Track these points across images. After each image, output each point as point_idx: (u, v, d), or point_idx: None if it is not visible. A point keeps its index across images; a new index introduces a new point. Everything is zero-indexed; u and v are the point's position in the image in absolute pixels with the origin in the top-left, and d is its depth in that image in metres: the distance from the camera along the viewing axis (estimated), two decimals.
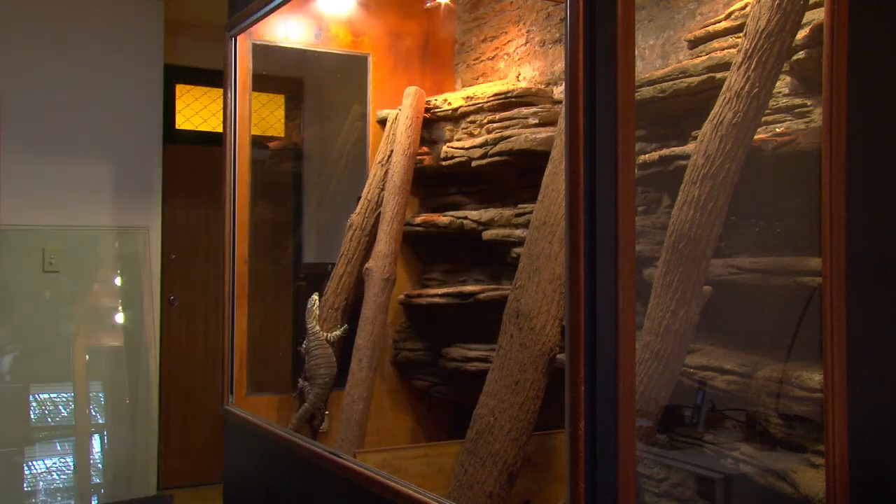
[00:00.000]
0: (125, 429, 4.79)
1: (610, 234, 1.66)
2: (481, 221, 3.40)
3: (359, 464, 2.68)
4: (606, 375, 1.67)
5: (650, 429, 2.18)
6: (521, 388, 2.49)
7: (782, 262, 2.09)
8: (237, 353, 3.71)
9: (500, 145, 3.29)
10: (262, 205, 4.11)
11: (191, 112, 5.63)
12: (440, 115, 3.72)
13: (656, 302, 2.10)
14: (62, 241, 4.65)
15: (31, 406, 4.58)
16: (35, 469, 4.58)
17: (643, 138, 2.62)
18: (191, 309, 5.61)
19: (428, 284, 3.81)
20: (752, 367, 2.12)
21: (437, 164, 3.69)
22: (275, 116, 5.43)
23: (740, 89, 2.05)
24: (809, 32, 2.08)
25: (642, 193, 2.58)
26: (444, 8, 4.00)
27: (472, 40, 4.01)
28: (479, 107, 3.54)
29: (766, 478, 2.06)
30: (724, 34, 2.43)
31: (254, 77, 3.78)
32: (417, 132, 3.66)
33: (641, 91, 2.51)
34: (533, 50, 3.61)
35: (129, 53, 4.86)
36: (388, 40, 3.95)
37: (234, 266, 3.73)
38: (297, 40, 3.91)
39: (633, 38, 1.69)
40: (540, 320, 2.50)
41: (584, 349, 1.68)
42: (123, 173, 4.84)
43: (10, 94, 4.53)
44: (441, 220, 3.56)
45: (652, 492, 2.27)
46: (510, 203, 3.42)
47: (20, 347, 4.57)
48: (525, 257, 2.63)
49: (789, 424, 2.04)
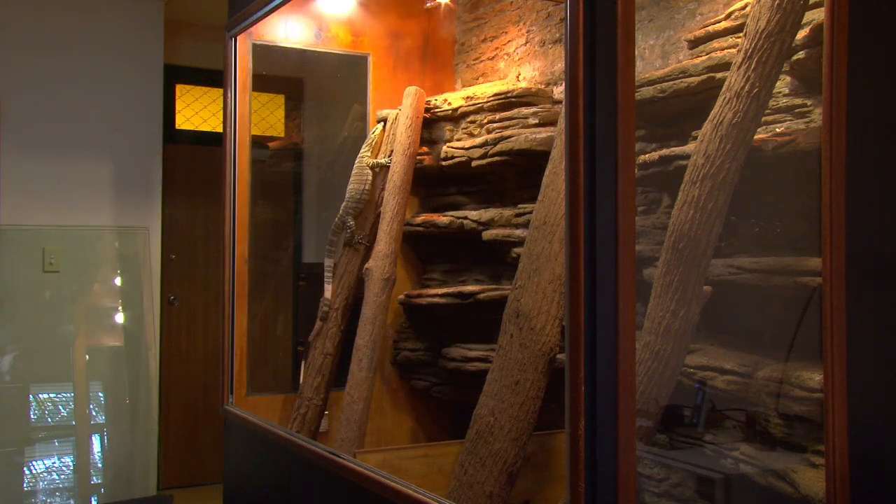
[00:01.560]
0: (125, 429, 4.79)
1: (610, 234, 1.66)
2: (481, 221, 3.40)
3: (359, 464, 2.67)
4: (606, 375, 1.67)
5: (650, 429, 2.18)
6: (521, 388, 2.49)
7: (782, 262, 2.09)
8: (237, 353, 3.71)
9: (500, 145, 3.29)
10: (262, 205, 4.11)
11: (191, 112, 5.63)
12: (440, 115, 3.72)
13: (656, 302, 2.10)
14: (62, 241, 4.65)
15: (31, 406, 4.58)
16: (35, 469, 4.58)
17: (643, 138, 2.62)
18: (191, 309, 5.61)
19: (428, 284, 3.81)
20: (752, 367, 2.12)
21: (437, 164, 3.69)
22: (275, 116, 5.43)
23: (740, 89, 2.05)
24: (809, 32, 2.08)
25: (642, 193, 2.58)
26: (444, 8, 4.00)
27: (472, 40, 4.01)
28: (479, 107, 3.54)
29: (766, 478, 2.06)
30: (724, 34, 2.43)
31: (254, 77, 3.78)
32: (417, 132, 3.67)
33: (641, 91, 2.51)
34: (533, 50, 3.62)
35: (129, 53, 4.86)
36: (388, 40, 3.95)
37: (234, 266, 3.73)
38: (297, 40, 3.91)
39: (633, 38, 1.69)
40: (540, 320, 2.50)
41: (584, 349, 1.68)
42: (123, 173, 4.84)
43: (10, 94, 4.53)
44: (441, 220, 3.56)
45: (652, 492, 2.27)
46: (510, 203, 3.42)
47: (20, 347, 4.56)
48: (525, 257, 2.63)
49: (789, 424, 2.04)
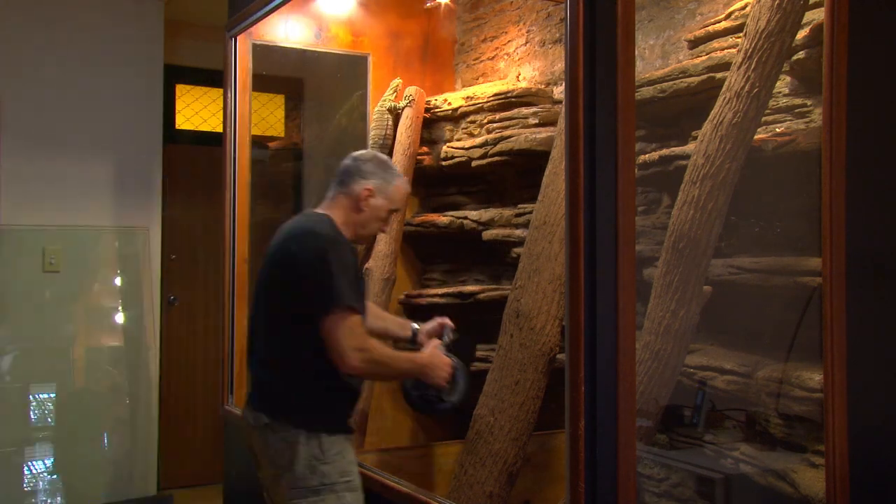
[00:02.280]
0: (125, 429, 4.79)
1: (610, 234, 1.67)
2: (481, 221, 3.40)
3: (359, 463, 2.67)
4: (606, 375, 1.67)
5: (650, 429, 2.18)
6: (521, 388, 2.49)
7: (782, 262, 2.09)
8: (237, 353, 3.71)
9: (500, 145, 3.29)
10: (262, 205, 4.10)
11: (191, 112, 5.63)
12: (440, 115, 3.72)
13: (656, 302, 2.10)
14: (62, 241, 4.64)
15: (31, 406, 4.58)
16: (35, 469, 4.58)
17: (643, 138, 2.62)
18: (191, 309, 5.60)
19: (428, 284, 3.81)
20: (752, 367, 2.12)
21: (437, 164, 3.70)
22: (275, 116, 5.43)
23: (740, 89, 2.05)
24: (809, 32, 2.08)
25: (642, 193, 2.58)
26: (444, 8, 3.99)
27: (472, 40, 4.01)
28: (479, 107, 3.54)
29: (766, 478, 2.06)
30: (724, 34, 2.43)
31: (254, 77, 3.78)
32: (417, 132, 3.67)
33: (641, 91, 2.51)
34: (533, 50, 3.61)
35: (129, 53, 4.86)
36: (388, 40, 3.95)
37: (234, 266, 3.73)
38: (297, 40, 3.91)
39: (633, 38, 1.69)
40: (540, 320, 2.50)
41: (584, 349, 1.68)
42: (123, 173, 4.84)
43: (10, 94, 4.52)
44: (441, 220, 3.56)
45: (652, 492, 2.27)
46: (510, 203, 3.42)
47: (20, 347, 4.56)
48: (525, 257, 2.63)
49: (789, 424, 2.04)
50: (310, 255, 2.26)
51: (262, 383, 2.41)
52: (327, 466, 2.27)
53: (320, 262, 2.24)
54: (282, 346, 2.33)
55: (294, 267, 2.28)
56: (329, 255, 2.25)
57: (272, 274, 2.36)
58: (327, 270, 2.23)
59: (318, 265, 2.24)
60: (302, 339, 2.27)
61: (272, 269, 2.36)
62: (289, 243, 2.32)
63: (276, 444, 2.29)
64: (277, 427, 2.29)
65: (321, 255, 2.25)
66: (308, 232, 2.33)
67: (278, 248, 2.35)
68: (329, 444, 2.28)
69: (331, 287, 2.22)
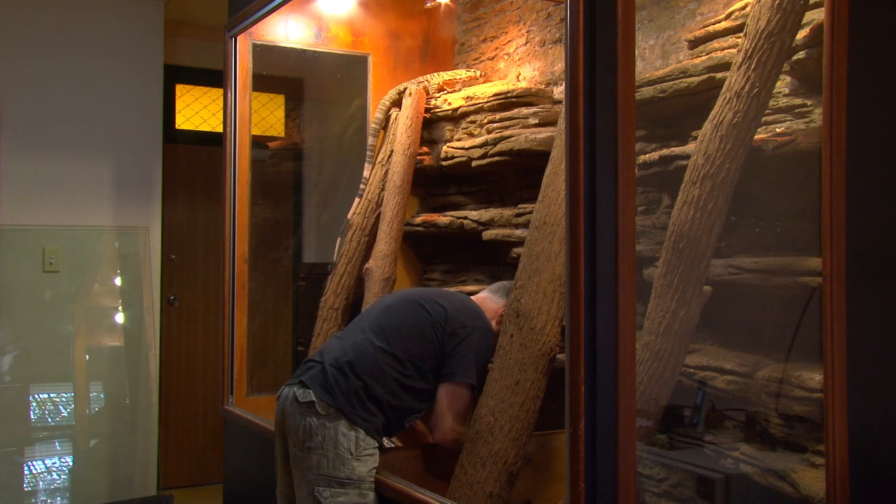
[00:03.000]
0: (125, 429, 4.79)
1: (610, 234, 1.67)
2: (481, 221, 3.40)
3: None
4: (606, 375, 1.67)
5: (650, 429, 2.18)
6: (521, 388, 2.49)
7: (782, 262, 2.09)
8: (237, 353, 3.72)
9: (500, 145, 3.29)
10: (262, 205, 4.11)
11: (191, 112, 5.63)
12: (440, 115, 3.72)
13: (656, 302, 2.09)
14: (62, 241, 4.65)
15: (31, 406, 4.58)
16: (35, 469, 4.58)
17: (643, 138, 2.62)
18: (191, 309, 5.61)
19: (428, 285, 3.81)
20: (752, 367, 2.12)
21: (437, 164, 3.69)
22: (275, 116, 5.43)
23: (740, 89, 2.05)
24: (809, 32, 2.08)
25: (642, 193, 2.58)
26: (444, 8, 4.00)
27: (472, 40, 4.01)
28: (479, 107, 3.54)
29: (766, 478, 2.06)
30: (724, 34, 2.43)
31: (254, 77, 3.78)
32: (417, 132, 3.66)
33: (641, 91, 2.51)
34: (533, 50, 3.61)
35: (129, 53, 4.86)
36: (388, 40, 3.95)
37: (234, 266, 3.73)
38: (297, 40, 3.91)
39: (633, 38, 1.69)
40: (540, 320, 2.50)
41: (584, 349, 1.68)
42: (123, 173, 4.84)
43: (10, 94, 4.53)
44: (441, 220, 3.56)
45: (652, 492, 2.27)
46: (510, 203, 3.42)
47: (20, 347, 4.56)
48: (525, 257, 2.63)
49: (789, 424, 2.04)
50: (475, 327, 2.60)
51: (332, 378, 2.51)
52: (358, 463, 2.42)
53: (479, 339, 2.58)
54: (385, 368, 2.53)
55: (456, 327, 2.59)
56: (487, 339, 2.61)
57: (430, 319, 2.61)
58: (478, 350, 2.57)
59: (475, 339, 2.58)
60: (410, 378, 2.54)
61: (432, 317, 2.61)
62: (461, 313, 2.63)
63: (312, 425, 2.43)
64: (322, 409, 2.44)
65: (484, 334, 2.61)
66: (481, 312, 2.70)
67: (451, 305, 2.65)
68: (365, 443, 2.44)
69: (472, 363, 2.55)
